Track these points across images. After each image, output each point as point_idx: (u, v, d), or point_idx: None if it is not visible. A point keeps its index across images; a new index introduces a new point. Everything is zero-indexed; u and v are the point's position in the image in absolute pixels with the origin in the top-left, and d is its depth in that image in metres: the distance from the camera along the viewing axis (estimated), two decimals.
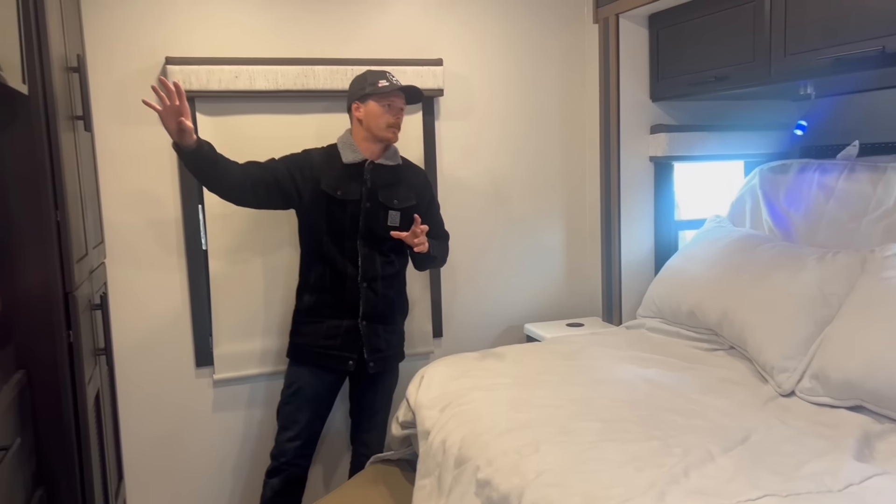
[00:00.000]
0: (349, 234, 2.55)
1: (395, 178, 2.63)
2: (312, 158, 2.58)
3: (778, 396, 2.16)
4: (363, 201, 2.56)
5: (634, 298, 3.05)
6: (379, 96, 2.52)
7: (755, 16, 2.39)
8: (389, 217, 2.59)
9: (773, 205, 2.83)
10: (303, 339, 2.62)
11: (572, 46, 3.23)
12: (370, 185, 2.57)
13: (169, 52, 2.65)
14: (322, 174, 2.54)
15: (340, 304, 2.57)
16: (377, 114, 2.53)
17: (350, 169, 2.56)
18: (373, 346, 2.61)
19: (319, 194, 2.53)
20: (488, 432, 1.96)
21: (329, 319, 2.58)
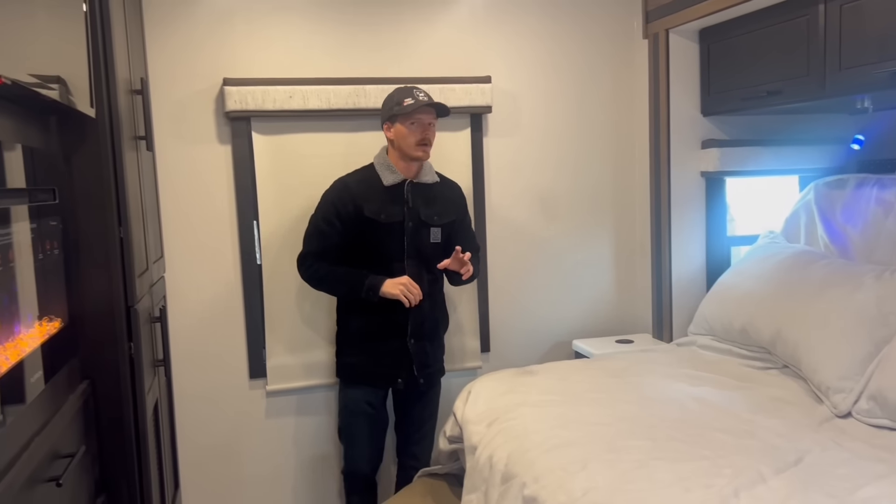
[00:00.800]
0: (396, 255, 2.58)
1: (433, 195, 2.66)
2: (350, 189, 2.59)
3: (833, 417, 2.11)
4: (406, 221, 2.59)
5: (685, 315, 3.01)
6: (405, 116, 2.53)
7: (809, 29, 2.36)
8: (431, 234, 2.63)
9: (828, 220, 2.77)
10: (353, 359, 2.68)
11: (621, 62, 3.22)
12: (411, 204, 2.60)
13: (226, 74, 2.75)
14: (363, 201, 2.56)
15: (389, 325, 2.61)
16: (405, 133, 2.54)
17: (390, 191, 2.59)
18: (421, 362, 2.66)
19: (364, 221, 2.55)
20: (535, 449, 1.96)
21: (378, 340, 2.63)
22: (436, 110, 2.56)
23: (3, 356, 1.21)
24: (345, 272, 2.58)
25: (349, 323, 2.69)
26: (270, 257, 2.86)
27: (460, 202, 2.78)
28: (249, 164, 2.83)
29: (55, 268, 1.60)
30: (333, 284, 2.62)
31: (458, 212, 2.75)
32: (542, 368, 2.66)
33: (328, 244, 2.58)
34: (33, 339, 1.40)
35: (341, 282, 2.59)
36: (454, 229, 2.70)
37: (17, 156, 1.40)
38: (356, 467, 2.73)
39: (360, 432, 2.70)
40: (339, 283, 2.60)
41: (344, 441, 2.77)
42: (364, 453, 2.72)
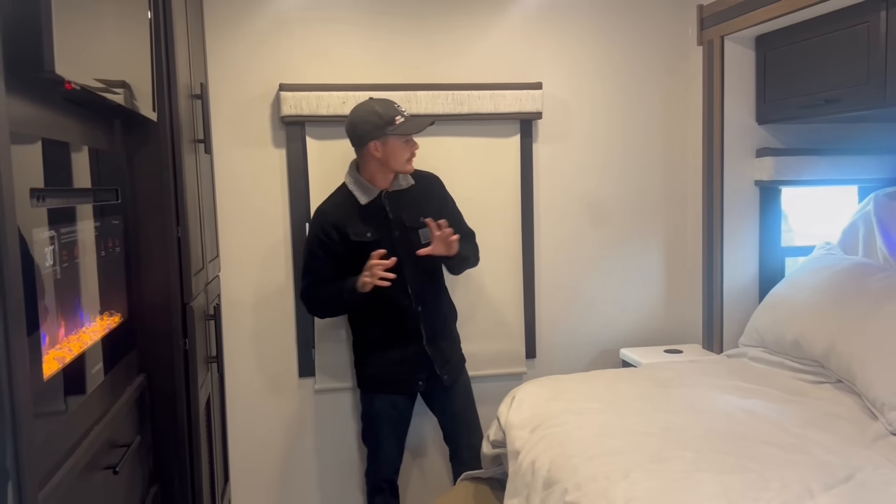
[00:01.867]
0: (392, 269, 2.52)
1: (412, 198, 2.65)
2: (330, 217, 2.58)
3: (888, 435, 2.04)
4: (392, 232, 2.59)
5: (736, 326, 2.96)
6: (400, 134, 2.52)
7: (870, 36, 2.30)
8: (421, 236, 2.62)
9: (888, 232, 2.69)
10: (372, 369, 2.71)
11: (675, 69, 3.19)
12: (391, 216, 2.60)
13: (282, 80, 2.82)
14: (345, 225, 2.56)
15: (402, 333, 2.64)
16: (399, 151, 2.54)
17: (368, 208, 2.59)
18: (441, 360, 2.69)
19: (353, 245, 2.56)
20: (578, 456, 1.96)
21: (395, 348, 2.66)
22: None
23: (67, 348, 1.27)
24: (329, 291, 2.58)
25: (363, 335, 2.73)
26: None
27: (438, 193, 2.75)
28: (303, 167, 2.90)
29: (116, 265, 1.67)
30: (329, 306, 2.67)
31: (442, 203, 2.73)
32: (589, 376, 2.65)
33: (317, 277, 2.60)
34: (95, 333, 1.47)
35: (331, 301, 2.61)
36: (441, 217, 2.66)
37: (84, 157, 1.47)
38: (379, 470, 2.75)
39: (382, 436, 2.73)
40: (330, 303, 2.63)
41: (367, 444, 2.80)
42: (386, 456, 2.75)
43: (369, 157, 2.56)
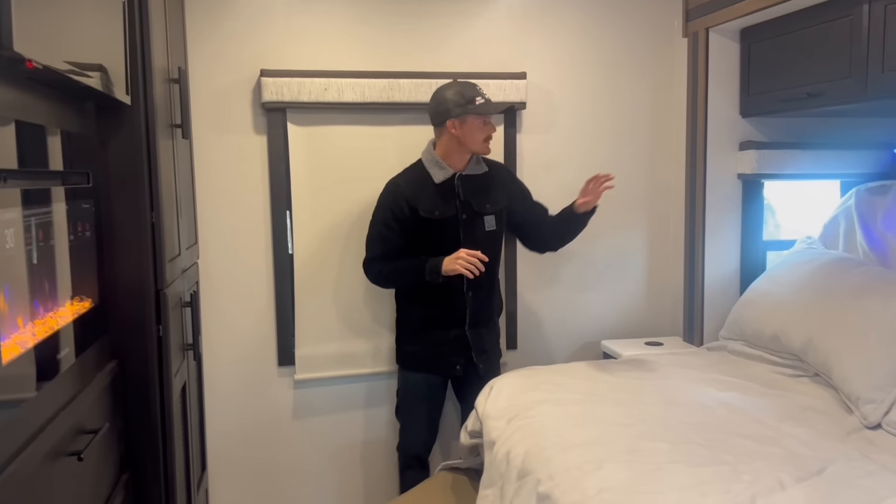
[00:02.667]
0: (452, 248, 2.59)
1: (483, 185, 2.69)
2: (403, 190, 2.63)
3: (863, 428, 2.05)
4: (459, 214, 2.63)
5: (717, 319, 2.96)
6: (478, 114, 2.56)
7: (852, 30, 2.30)
8: (486, 223, 2.67)
9: (869, 227, 2.70)
10: (413, 348, 2.76)
11: (660, 60, 3.18)
12: (463, 197, 2.64)
13: (263, 65, 2.79)
14: (417, 201, 2.61)
15: (448, 315, 2.67)
16: (476, 131, 2.57)
17: (441, 187, 2.63)
18: (479, 348, 2.73)
19: (420, 220, 2.61)
20: (552, 447, 1.96)
21: (438, 329, 2.70)
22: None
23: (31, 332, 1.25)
24: (405, 264, 2.63)
25: (409, 313, 2.76)
26: (302, 247, 2.90)
27: (510, 184, 2.80)
28: (284, 154, 2.87)
29: (87, 249, 1.64)
30: (398, 279, 2.69)
31: (511, 194, 2.77)
32: (568, 367, 2.65)
33: (389, 247, 2.64)
34: (64, 317, 1.45)
35: (404, 274, 2.64)
36: (514, 210, 2.75)
37: (55, 139, 1.45)
38: (410, 445, 2.80)
39: (416, 413, 2.77)
40: (402, 275, 2.66)
41: (400, 420, 2.83)
42: (419, 433, 2.79)
43: (447, 136, 2.60)
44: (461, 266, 2.49)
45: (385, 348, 3.01)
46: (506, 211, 2.74)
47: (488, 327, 2.78)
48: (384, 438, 3.08)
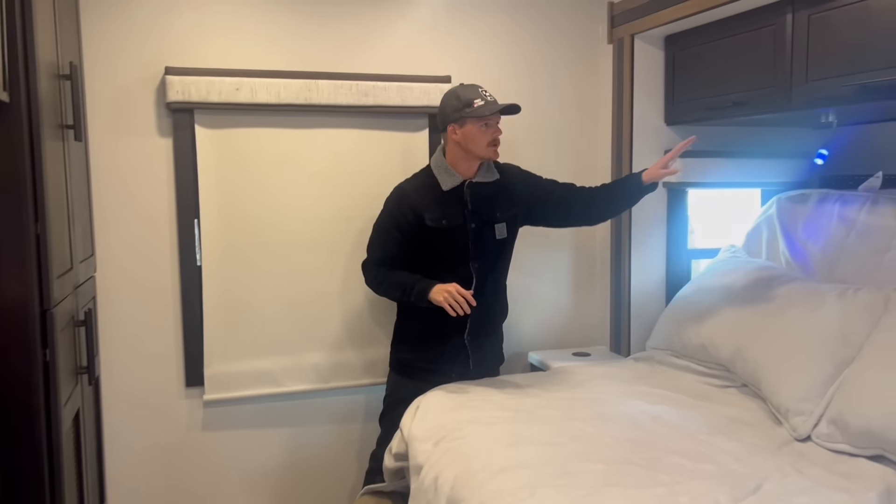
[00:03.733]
0: (461, 258, 2.51)
1: (494, 192, 2.57)
2: (409, 197, 2.52)
3: (793, 441, 2.03)
4: (468, 223, 2.52)
5: (644, 329, 2.93)
6: (478, 117, 2.44)
7: (776, 40, 2.30)
8: (496, 231, 2.57)
9: (790, 236, 2.71)
10: (409, 355, 2.64)
11: (585, 67, 3.13)
12: (471, 206, 2.52)
13: (169, 62, 2.58)
14: (423, 209, 2.49)
15: (449, 324, 2.53)
16: (476, 135, 2.45)
17: (449, 194, 2.51)
18: (477, 357, 2.63)
19: (426, 229, 2.49)
20: (483, 471, 1.85)
21: (437, 338, 2.58)
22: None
23: None
24: (399, 277, 2.50)
25: (409, 321, 2.65)
26: (212, 258, 2.70)
27: (524, 186, 2.64)
28: (191, 158, 2.66)
29: None
30: (388, 290, 2.56)
31: (530, 191, 2.63)
32: (496, 382, 2.55)
33: (388, 254, 2.54)
34: None
35: (394, 287, 2.52)
36: (532, 205, 2.62)
37: None
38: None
39: (397, 420, 2.56)
40: (392, 288, 2.53)
41: (383, 427, 2.68)
42: None
43: (450, 142, 2.50)
44: (444, 300, 2.37)
45: (306, 365, 2.85)
46: (519, 217, 2.63)
47: (489, 335, 2.68)
48: (305, 460, 2.91)
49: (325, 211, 2.81)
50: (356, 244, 2.81)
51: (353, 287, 2.84)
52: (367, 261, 2.60)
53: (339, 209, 2.82)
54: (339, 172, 2.81)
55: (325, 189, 2.80)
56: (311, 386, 2.86)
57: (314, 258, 2.82)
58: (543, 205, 2.63)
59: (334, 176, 2.81)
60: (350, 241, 2.84)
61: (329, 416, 2.93)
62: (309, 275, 2.81)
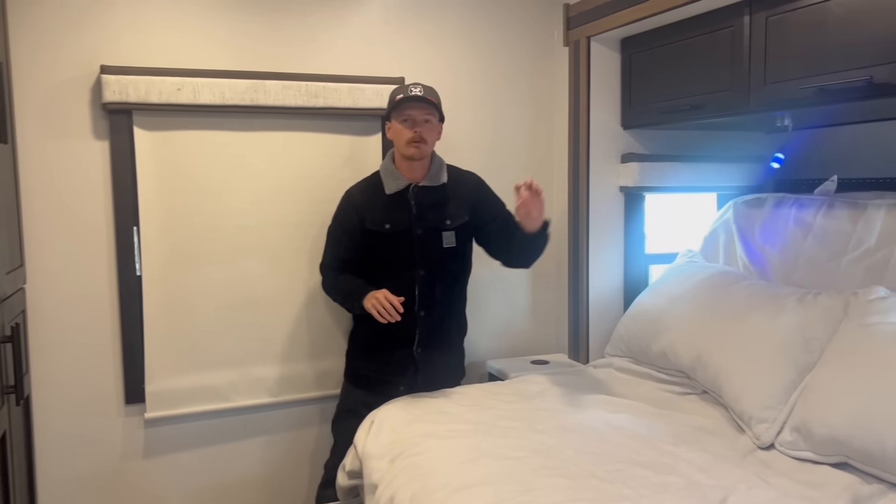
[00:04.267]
0: (406, 265, 2.46)
1: (442, 197, 2.50)
2: (354, 200, 2.49)
3: (756, 449, 1.99)
4: (413, 229, 2.44)
5: (602, 335, 2.88)
6: (396, 112, 2.39)
7: (734, 42, 2.27)
8: (444, 239, 2.49)
9: (747, 240, 2.70)
10: (358, 364, 2.60)
11: (541, 69, 3.08)
12: (416, 210, 2.44)
13: (104, 61, 2.44)
14: (365, 212, 2.45)
15: (396, 334, 2.46)
16: (400, 132, 2.41)
17: (394, 198, 2.44)
18: (427, 371, 2.54)
19: (368, 233, 2.45)
20: (442, 489, 1.76)
21: (383, 348, 2.52)
22: (435, 108, 2.41)
23: None
24: (342, 282, 2.47)
25: (359, 329, 2.61)
26: (153, 268, 2.56)
27: (476, 195, 2.58)
28: (130, 162, 2.53)
29: None
30: (335, 294, 2.53)
31: (477, 206, 2.56)
32: (454, 393, 2.47)
33: (337, 257, 2.52)
34: None
35: (338, 292, 2.50)
36: (481, 223, 2.54)
37: None
38: (336, 465, 2.48)
39: (347, 432, 2.49)
40: (336, 293, 2.51)
41: (334, 434, 2.64)
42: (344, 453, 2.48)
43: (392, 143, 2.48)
44: (372, 307, 2.31)
45: (252, 379, 2.72)
46: (471, 228, 2.55)
47: (442, 350, 2.57)
48: (254, 477, 2.78)
49: (273, 216, 2.69)
50: (304, 251, 2.72)
51: (302, 295, 2.74)
52: (320, 264, 2.57)
53: (287, 214, 2.72)
54: (287, 177, 2.70)
55: (273, 194, 2.69)
56: (260, 400, 2.75)
57: (261, 266, 2.70)
58: (487, 226, 2.57)
59: (283, 180, 2.70)
60: (298, 248, 2.73)
61: (279, 430, 2.82)
62: (256, 283, 2.70)
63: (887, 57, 1.79)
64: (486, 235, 2.59)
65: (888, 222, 2.24)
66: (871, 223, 2.30)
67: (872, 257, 2.24)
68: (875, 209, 2.31)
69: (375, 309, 2.31)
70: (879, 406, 1.74)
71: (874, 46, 1.83)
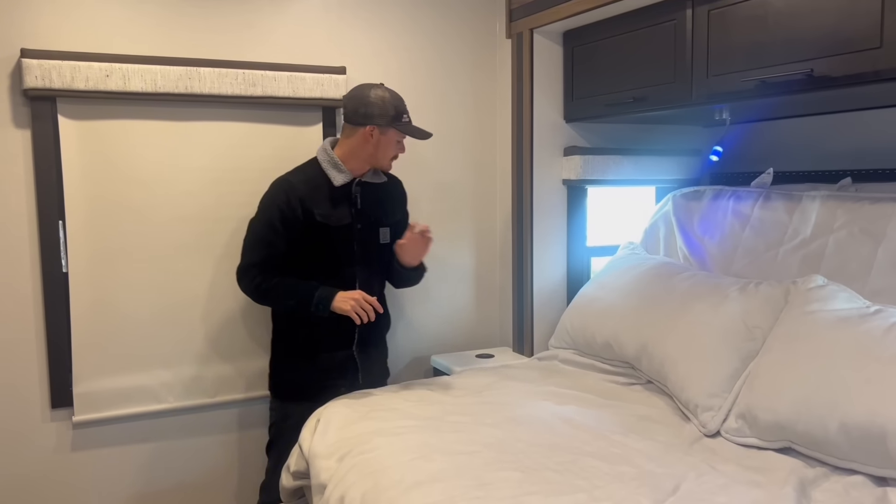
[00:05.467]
0: (345, 260, 2.40)
1: (382, 195, 2.50)
2: (298, 191, 2.35)
3: (702, 437, 2.02)
4: (354, 223, 2.39)
5: (546, 327, 2.89)
6: (401, 130, 2.39)
7: (676, 35, 2.29)
8: (381, 235, 2.46)
9: (687, 232, 2.74)
10: (294, 375, 2.46)
11: (484, 62, 3.06)
12: (360, 205, 2.40)
13: (25, 44, 2.30)
14: (313, 203, 2.35)
15: (337, 335, 2.39)
16: (390, 146, 2.40)
17: (338, 191, 2.38)
18: (367, 370, 2.52)
19: (314, 226, 2.34)
20: (394, 487, 1.71)
21: (323, 352, 2.43)
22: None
23: None
24: (293, 284, 2.32)
25: (291, 334, 2.46)
26: (80, 264, 2.43)
27: (403, 199, 2.66)
28: (54, 153, 2.39)
29: None
30: (278, 298, 2.35)
31: (403, 209, 2.63)
32: (401, 389, 2.42)
33: (273, 252, 2.34)
34: None
35: (289, 295, 2.32)
36: (399, 227, 2.53)
37: None
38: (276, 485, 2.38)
39: (290, 448, 2.35)
40: (285, 296, 2.33)
41: (273, 458, 2.48)
42: None
43: (359, 139, 2.36)
44: (352, 308, 2.25)
45: (187, 378, 2.62)
46: (401, 226, 2.53)
47: (377, 346, 2.58)
48: (189, 480, 2.68)
49: (208, 211, 2.59)
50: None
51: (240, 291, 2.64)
52: (247, 265, 2.38)
53: (222, 208, 2.62)
54: (223, 169, 2.60)
55: (209, 187, 2.59)
56: (194, 401, 2.65)
57: (195, 262, 2.59)
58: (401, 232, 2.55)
59: (218, 173, 2.60)
60: (235, 243, 2.61)
61: (217, 432, 2.72)
62: (191, 279, 2.59)
63: (827, 50, 1.84)
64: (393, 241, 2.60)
65: (823, 213, 2.31)
66: (806, 214, 2.37)
67: (808, 247, 2.30)
68: (810, 201, 2.37)
69: (354, 310, 2.26)
70: (822, 391, 1.79)
71: (814, 40, 1.87)
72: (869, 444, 1.67)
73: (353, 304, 2.26)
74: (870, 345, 1.78)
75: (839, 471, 1.74)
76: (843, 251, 2.19)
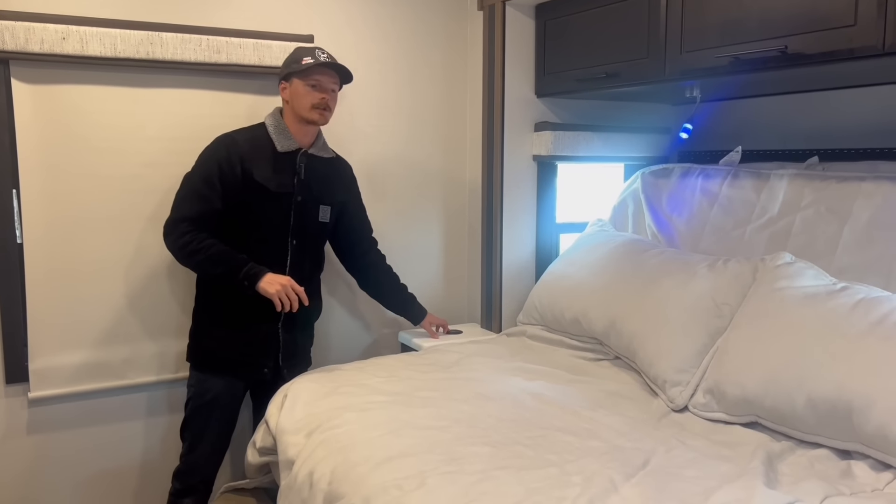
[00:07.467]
0: (279, 231, 2.33)
1: (327, 172, 2.44)
2: (239, 147, 2.28)
3: (670, 412, 2.04)
4: (295, 195, 2.32)
5: (514, 304, 2.88)
6: (303, 74, 2.28)
7: (650, 10, 2.28)
8: (321, 212, 2.40)
9: (655, 210, 2.75)
10: (215, 344, 2.35)
11: (455, 34, 3.01)
12: (303, 176, 2.34)
13: None
14: (253, 164, 2.27)
15: (261, 307, 2.28)
16: (301, 94, 2.30)
17: (282, 158, 2.33)
18: (289, 352, 2.43)
19: (252, 187, 2.27)
20: (364, 463, 1.69)
21: (247, 323, 2.33)
22: (339, 76, 2.37)
23: None
24: (223, 252, 2.23)
25: (214, 301, 2.35)
26: (35, 234, 2.33)
27: (352, 183, 2.61)
28: (7, 118, 2.28)
29: None
30: (208, 263, 2.24)
31: (350, 192, 2.59)
32: (369, 364, 2.40)
33: (207, 209, 2.24)
34: None
35: (218, 262, 2.23)
36: (346, 211, 2.52)
37: None
38: (196, 467, 2.36)
39: (210, 428, 2.35)
40: (213, 262, 2.23)
41: (188, 437, 2.38)
42: (208, 451, 2.37)
43: (284, 103, 2.37)
44: (276, 293, 2.20)
45: (148, 355, 2.55)
46: (343, 208, 2.51)
47: (303, 331, 2.51)
48: (151, 460, 2.62)
49: (167, 181, 2.48)
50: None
51: None
52: (177, 218, 2.26)
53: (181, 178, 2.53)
54: (185, 138, 2.50)
55: (170, 156, 2.49)
56: (155, 377, 2.58)
57: (153, 234, 2.50)
58: (349, 218, 2.57)
59: (180, 142, 2.50)
60: None
61: (172, 409, 2.64)
62: (151, 251, 2.51)
63: (802, 28, 1.84)
64: (343, 228, 2.57)
65: (790, 192, 2.33)
66: (773, 192, 2.39)
67: (776, 225, 2.32)
68: (778, 179, 2.39)
69: (279, 296, 2.21)
70: (789, 367, 1.81)
71: (789, 17, 1.87)
72: (835, 418, 1.70)
73: (278, 290, 2.21)
74: (836, 321, 1.81)
75: (804, 444, 1.78)
76: (810, 229, 2.21)
